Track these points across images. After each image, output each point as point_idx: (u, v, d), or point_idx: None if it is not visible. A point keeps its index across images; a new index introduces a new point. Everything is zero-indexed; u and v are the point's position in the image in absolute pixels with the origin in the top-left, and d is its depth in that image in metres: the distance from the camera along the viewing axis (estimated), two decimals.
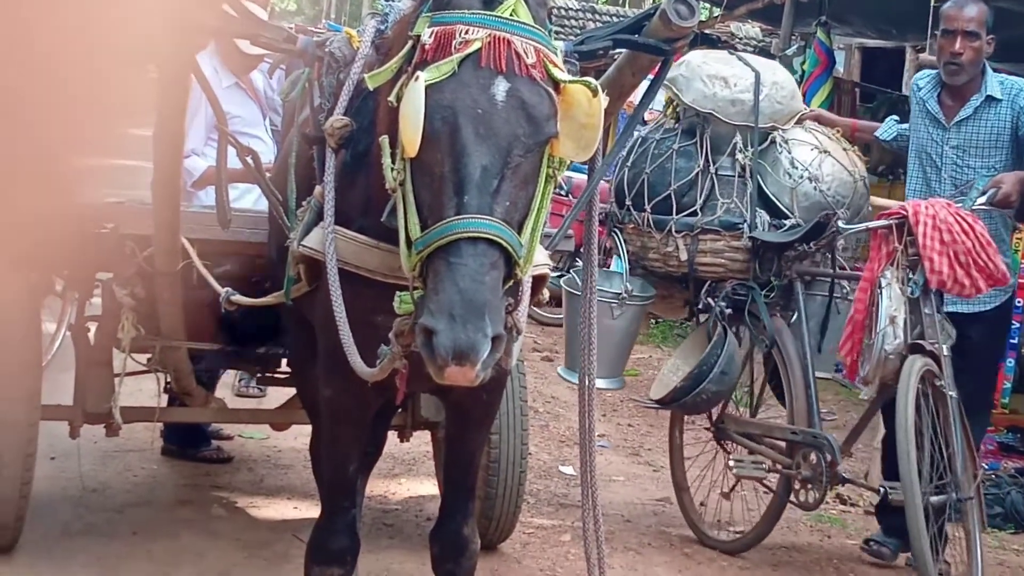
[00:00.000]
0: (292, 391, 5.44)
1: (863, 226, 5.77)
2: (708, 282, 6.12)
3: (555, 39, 3.30)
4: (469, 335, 2.85)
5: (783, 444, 5.87)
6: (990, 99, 5.96)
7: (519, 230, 3.07)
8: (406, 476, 6.69)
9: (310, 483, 5.54)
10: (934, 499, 5.21)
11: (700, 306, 6.15)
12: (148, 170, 4.23)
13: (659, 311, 7.63)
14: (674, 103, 6.31)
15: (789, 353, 5.81)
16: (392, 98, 3.13)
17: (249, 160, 4.22)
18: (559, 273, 11.15)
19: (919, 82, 6.23)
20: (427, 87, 2.98)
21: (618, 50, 3.75)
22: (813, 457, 5.60)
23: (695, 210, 6.07)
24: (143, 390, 5.81)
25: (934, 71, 6.17)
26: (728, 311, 5.92)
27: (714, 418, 6.22)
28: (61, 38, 1.73)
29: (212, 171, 4.76)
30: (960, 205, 5.44)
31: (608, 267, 11.74)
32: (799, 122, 6.31)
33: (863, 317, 5.42)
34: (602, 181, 3.99)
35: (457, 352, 2.85)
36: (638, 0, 31.06)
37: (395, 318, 3.16)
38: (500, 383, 3.91)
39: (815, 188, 6.05)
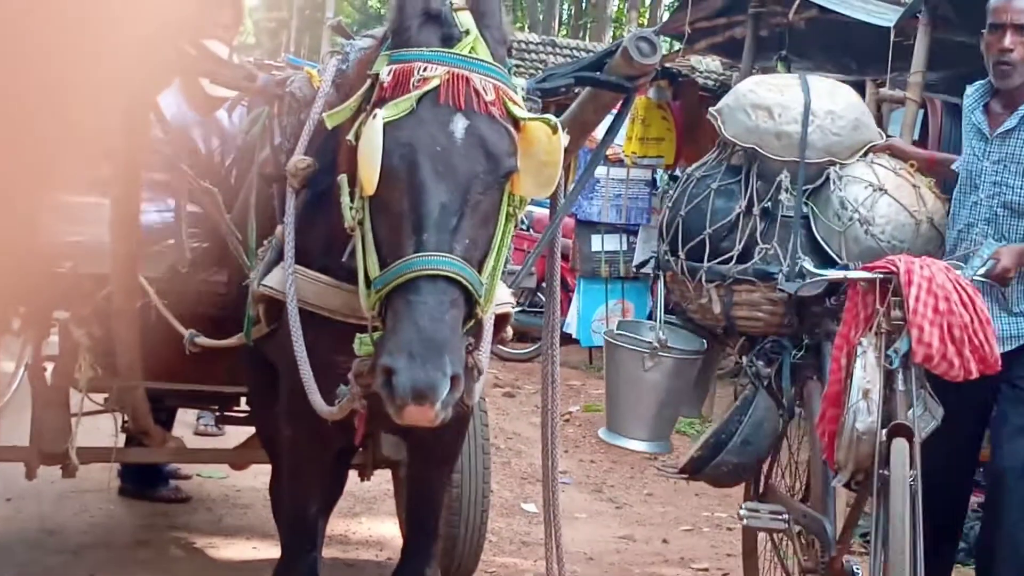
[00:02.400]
0: (251, 430, 5.39)
1: (835, 274, 4.96)
2: (743, 338, 5.48)
3: (515, 74, 3.29)
4: (428, 374, 2.82)
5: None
6: None
7: (479, 268, 3.05)
8: (367, 515, 6.64)
9: (270, 523, 5.49)
10: None
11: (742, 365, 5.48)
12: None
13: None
14: (718, 138, 5.66)
15: (813, 423, 5.00)
16: (351, 136, 3.11)
17: (208, 200, 4.19)
18: (520, 307, 11.20)
19: (968, 89, 5.57)
20: (385, 124, 2.96)
21: (580, 87, 3.75)
22: (817, 545, 4.93)
23: (732, 256, 5.34)
24: (100, 429, 5.74)
25: (984, 80, 5.43)
26: (767, 371, 5.26)
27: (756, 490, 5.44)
28: (23, 75, 1.71)
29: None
30: (960, 272, 4.77)
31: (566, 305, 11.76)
32: (865, 155, 5.48)
33: (838, 390, 4.69)
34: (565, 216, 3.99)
35: (416, 392, 2.82)
36: (599, 33, 31.29)
37: (355, 358, 3.13)
38: (462, 423, 3.89)
39: (866, 231, 5.27)
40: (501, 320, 3.72)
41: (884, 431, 4.49)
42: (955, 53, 7.61)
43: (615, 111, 3.89)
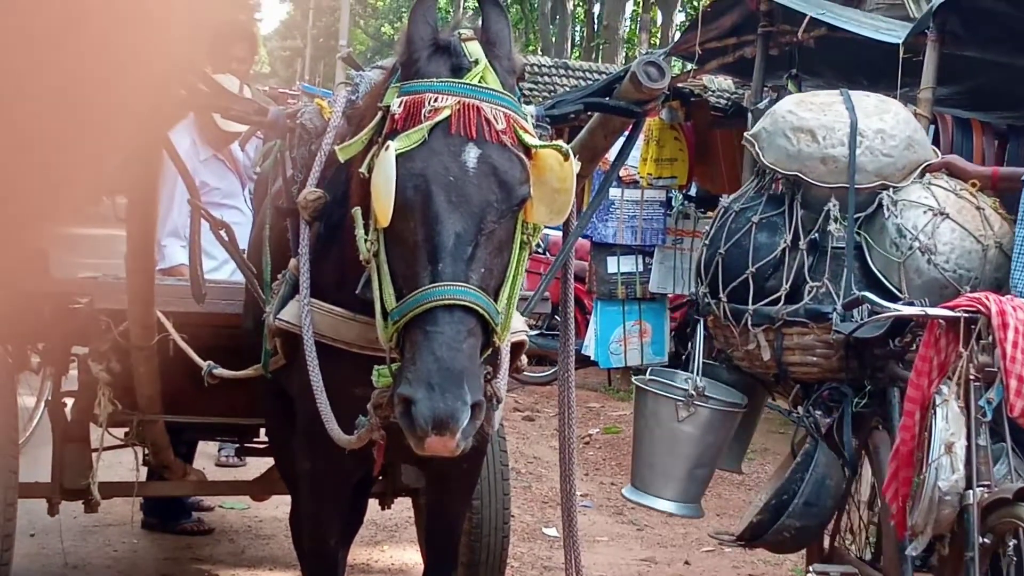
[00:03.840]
0: (272, 461, 5.40)
1: (911, 310, 4.37)
2: (797, 386, 5.04)
3: (527, 99, 3.31)
4: (448, 403, 2.82)
5: None
6: None
7: (495, 297, 3.06)
8: (388, 543, 6.64)
9: (292, 553, 5.49)
10: None
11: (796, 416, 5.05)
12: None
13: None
14: (757, 165, 5.26)
15: (883, 478, 4.48)
16: (363, 169, 3.12)
17: (223, 234, 4.20)
18: (538, 330, 11.21)
19: None
20: (398, 156, 2.97)
21: (589, 112, 3.76)
22: None
23: (780, 296, 4.94)
24: (122, 463, 5.76)
25: None
26: (827, 422, 4.83)
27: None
28: (38, 107, 1.72)
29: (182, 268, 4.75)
30: None
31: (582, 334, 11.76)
32: (921, 176, 5.02)
33: (911, 447, 4.19)
34: (579, 237, 3.99)
35: (437, 421, 2.81)
36: (611, 55, 31.32)
37: (373, 390, 3.14)
38: (481, 451, 3.90)
39: (928, 261, 4.79)
40: (517, 348, 3.73)
41: (979, 491, 4.02)
42: (964, 68, 7.63)
43: (626, 133, 3.91)
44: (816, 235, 4.94)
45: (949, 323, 4.19)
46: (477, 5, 3.29)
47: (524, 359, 3.91)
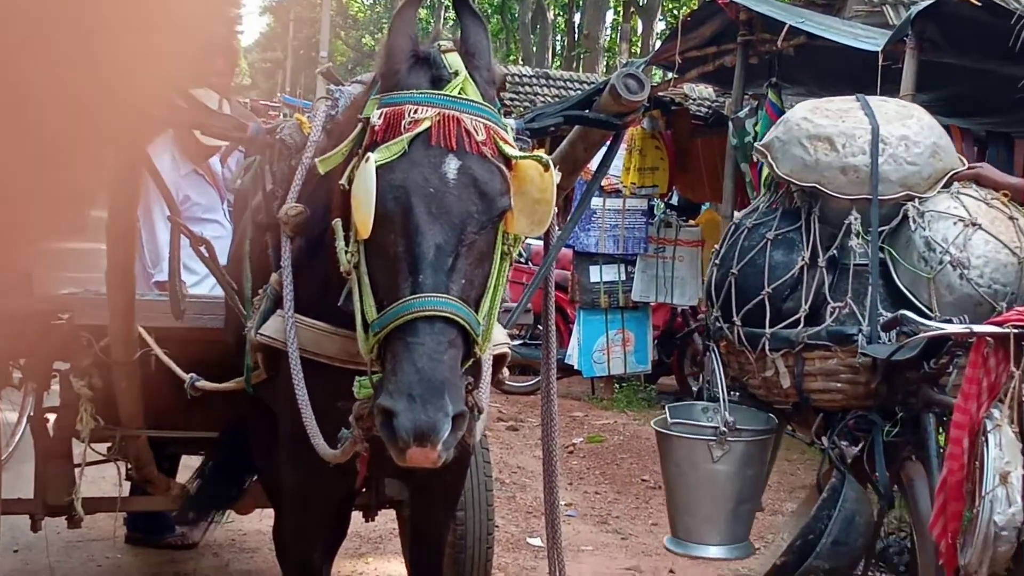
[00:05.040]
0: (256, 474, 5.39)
1: (957, 328, 3.97)
2: (820, 415, 4.69)
3: (508, 107, 3.31)
4: (429, 415, 2.81)
5: None
6: None
7: (476, 308, 3.06)
8: (373, 555, 6.63)
9: (276, 566, 5.46)
10: None
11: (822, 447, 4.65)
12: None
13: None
14: (768, 177, 4.97)
15: (919, 513, 4.20)
16: (344, 181, 3.12)
17: (203, 250, 4.19)
18: (521, 340, 11.21)
19: None
20: (378, 167, 2.97)
21: (569, 125, 3.77)
22: None
23: (800, 318, 4.60)
24: (105, 478, 5.75)
25: None
26: (853, 453, 4.53)
27: None
28: (14, 120, 1.72)
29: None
30: None
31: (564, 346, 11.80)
32: (947, 185, 4.70)
33: (960, 478, 3.79)
34: (563, 246, 3.98)
35: (418, 433, 2.81)
36: (592, 64, 31.35)
37: (355, 403, 3.13)
38: (463, 462, 3.89)
39: (961, 276, 4.45)
40: (499, 360, 3.72)
41: None
42: (943, 74, 7.66)
43: (607, 145, 3.91)
44: (836, 251, 4.65)
45: (998, 341, 3.81)
46: (456, 16, 3.30)
47: (506, 371, 3.91)
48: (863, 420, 4.48)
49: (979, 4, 7.46)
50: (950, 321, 4.08)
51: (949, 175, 4.68)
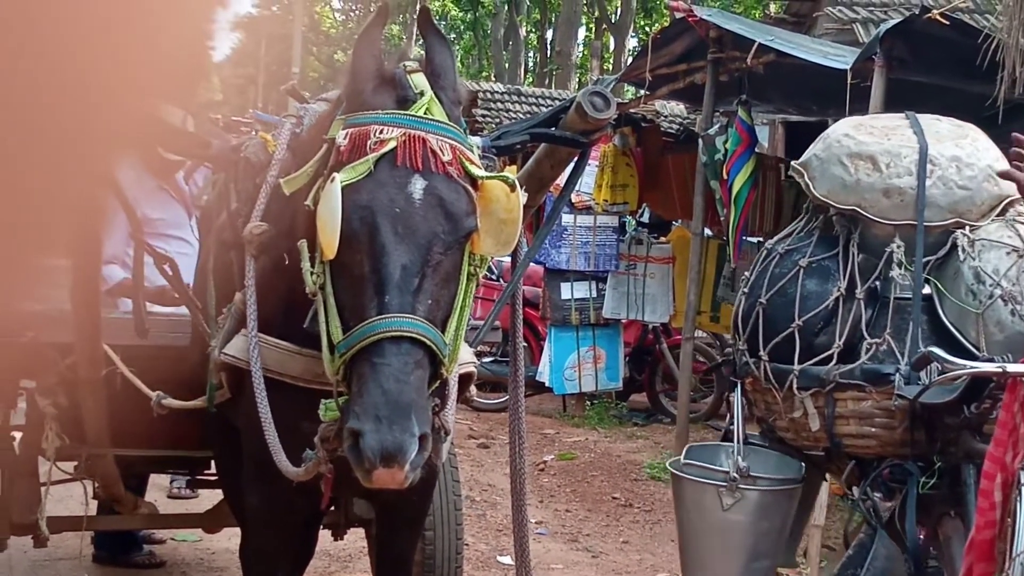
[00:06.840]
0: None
1: (986, 367, 3.52)
2: (852, 462, 4.25)
3: (480, 123, 3.31)
4: (396, 436, 2.80)
5: None
6: None
7: (443, 328, 3.05)
8: (342, 573, 6.61)
9: None
10: None
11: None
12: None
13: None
14: (803, 198, 4.53)
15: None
16: (309, 201, 3.11)
17: (167, 268, 4.17)
18: (492, 357, 11.21)
19: None
20: (344, 188, 2.97)
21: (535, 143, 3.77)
22: None
23: (832, 354, 4.16)
24: (72, 496, 5.71)
25: None
26: (887, 507, 4.04)
27: None
28: None
29: (127, 282, 4.71)
30: None
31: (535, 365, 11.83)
32: (1003, 213, 4.23)
33: (990, 536, 3.32)
34: (531, 263, 3.98)
35: (384, 454, 2.80)
36: (564, 81, 31.43)
37: (320, 424, 3.12)
38: (430, 482, 3.89)
39: (1013, 312, 3.98)
40: (465, 379, 3.72)
41: None
42: (911, 93, 7.68)
43: (573, 162, 3.91)
44: (877, 282, 4.23)
45: None
46: (421, 37, 3.29)
47: (473, 389, 3.91)
48: (898, 470, 4.04)
49: (948, 23, 7.51)
50: (991, 360, 3.61)
51: (1006, 201, 4.24)
